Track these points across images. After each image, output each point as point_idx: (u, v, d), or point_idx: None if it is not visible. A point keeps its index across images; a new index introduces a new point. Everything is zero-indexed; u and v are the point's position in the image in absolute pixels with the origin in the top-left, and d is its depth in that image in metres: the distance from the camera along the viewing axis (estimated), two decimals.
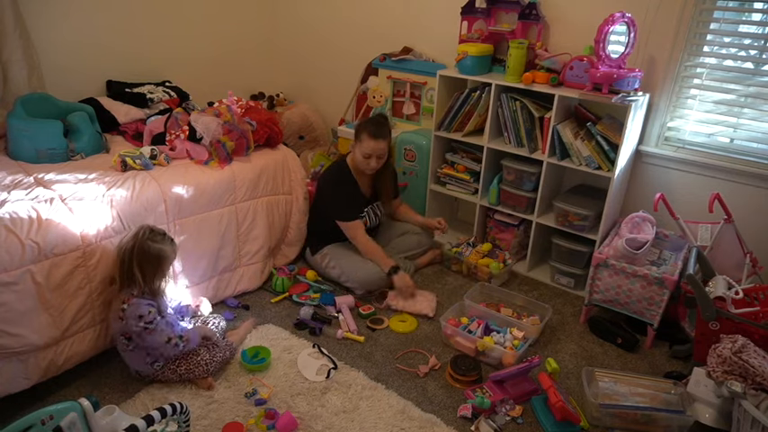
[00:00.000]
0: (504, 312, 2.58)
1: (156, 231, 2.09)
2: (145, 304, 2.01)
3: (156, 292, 2.08)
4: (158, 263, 2.06)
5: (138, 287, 2.02)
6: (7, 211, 1.95)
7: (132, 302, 2.01)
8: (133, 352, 2.07)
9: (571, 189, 3.03)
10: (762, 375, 1.74)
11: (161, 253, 2.05)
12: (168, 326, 2.09)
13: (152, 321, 2.01)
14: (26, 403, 1.98)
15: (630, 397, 2.07)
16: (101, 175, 2.37)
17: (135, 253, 2.01)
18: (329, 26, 3.92)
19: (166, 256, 2.08)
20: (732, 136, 2.71)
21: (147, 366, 2.08)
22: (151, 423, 1.51)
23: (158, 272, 2.07)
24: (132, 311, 1.99)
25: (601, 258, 2.50)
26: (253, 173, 2.67)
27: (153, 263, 2.04)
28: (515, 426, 2.05)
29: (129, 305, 2.01)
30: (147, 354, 2.07)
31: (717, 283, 2.19)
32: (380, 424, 2.00)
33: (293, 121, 3.89)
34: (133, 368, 2.11)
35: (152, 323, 2.01)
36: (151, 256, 2.03)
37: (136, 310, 1.99)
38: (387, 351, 2.41)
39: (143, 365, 2.08)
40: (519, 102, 2.85)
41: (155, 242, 2.04)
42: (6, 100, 2.70)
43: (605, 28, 2.49)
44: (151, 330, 2.02)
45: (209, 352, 2.16)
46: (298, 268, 2.95)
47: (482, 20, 3.11)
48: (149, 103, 3.08)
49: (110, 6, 3.14)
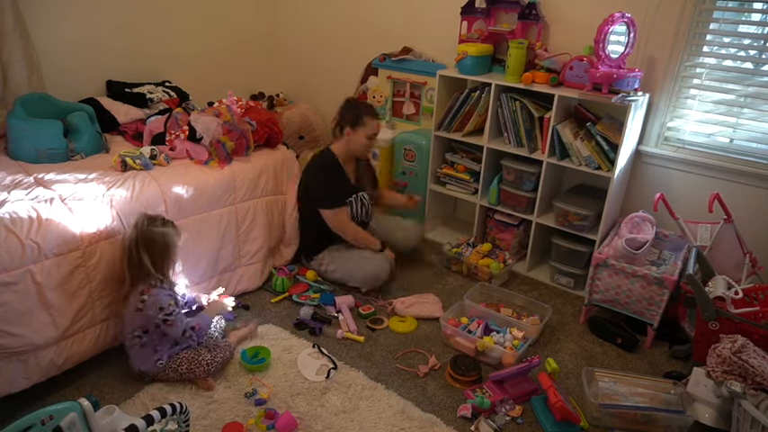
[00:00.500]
0: (504, 312, 2.59)
1: (155, 217, 2.09)
2: (165, 294, 2.04)
3: (170, 278, 2.11)
4: (165, 247, 2.07)
5: (152, 277, 2.04)
6: (7, 211, 1.95)
7: (152, 293, 2.02)
8: (143, 348, 2.08)
9: (571, 189, 3.03)
10: (761, 375, 1.74)
11: (166, 236, 2.06)
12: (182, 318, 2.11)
13: (171, 313, 2.04)
14: (26, 403, 1.97)
15: (630, 397, 2.07)
16: (101, 175, 2.37)
17: (140, 242, 2.02)
18: (329, 26, 3.92)
19: (172, 239, 2.09)
20: (732, 136, 2.71)
21: (151, 364, 2.08)
22: (151, 423, 1.51)
23: (166, 257, 2.09)
24: (153, 302, 2.02)
25: (601, 258, 2.50)
26: (253, 173, 2.67)
27: (160, 248, 2.05)
28: (515, 426, 2.05)
29: (149, 296, 2.02)
30: (155, 350, 2.08)
31: (716, 283, 2.19)
32: (380, 424, 2.00)
33: (293, 121, 3.89)
34: (137, 366, 2.11)
35: (172, 315, 2.04)
36: (157, 242, 2.04)
37: (156, 300, 2.02)
38: (387, 351, 2.41)
39: (148, 363, 2.08)
40: (519, 102, 2.85)
41: (156, 227, 2.05)
42: (6, 100, 2.70)
43: (605, 28, 2.49)
44: (171, 323, 2.04)
45: (211, 352, 2.16)
46: (297, 268, 2.95)
47: (482, 20, 3.11)
48: (149, 103, 3.08)
49: (109, 6, 3.14)
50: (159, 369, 2.10)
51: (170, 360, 2.10)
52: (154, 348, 2.08)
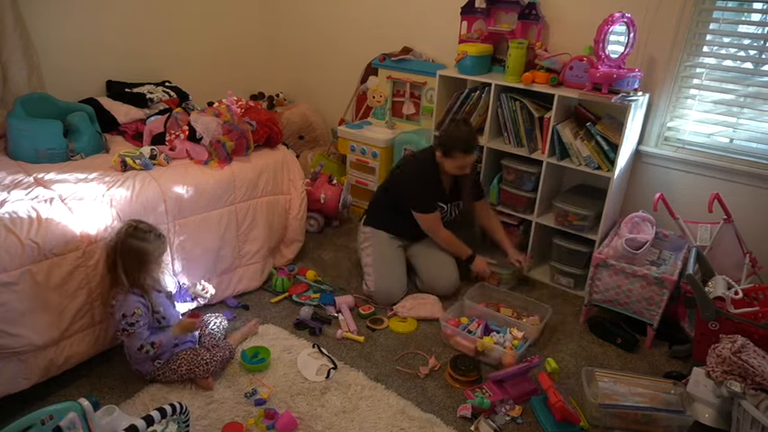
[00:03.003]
0: (504, 312, 2.58)
1: (141, 228, 2.05)
2: (134, 302, 2.00)
3: (144, 288, 2.06)
4: (139, 260, 2.02)
5: (122, 284, 2.01)
6: (7, 211, 1.95)
7: (119, 298, 2.00)
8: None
9: (571, 189, 3.03)
10: (761, 375, 1.74)
11: (141, 250, 2.02)
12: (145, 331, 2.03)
13: (133, 324, 1.99)
14: (26, 403, 1.97)
15: (630, 397, 2.07)
16: (101, 175, 2.37)
17: (117, 250, 2.01)
18: (329, 26, 3.92)
19: (147, 253, 2.03)
20: (731, 136, 2.71)
21: (148, 364, 2.08)
22: (151, 423, 1.51)
23: (141, 268, 2.03)
24: (119, 307, 1.99)
25: (601, 258, 2.50)
26: (252, 173, 2.67)
27: (134, 259, 2.01)
28: (515, 426, 2.05)
29: (116, 300, 2.01)
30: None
31: (716, 283, 2.19)
32: (380, 424, 2.00)
33: (293, 121, 3.89)
34: (134, 366, 2.11)
35: (133, 326, 1.99)
36: (131, 253, 2.01)
37: (122, 306, 1.99)
38: (386, 351, 2.41)
39: (145, 363, 2.08)
40: (519, 102, 2.85)
41: (137, 239, 2.02)
42: (6, 100, 2.70)
43: (605, 28, 2.49)
44: (129, 333, 2.00)
45: (210, 351, 2.15)
46: (298, 268, 2.95)
47: (482, 20, 3.11)
48: (149, 103, 3.08)
49: (110, 6, 3.14)
50: (156, 369, 2.09)
51: (169, 361, 2.10)
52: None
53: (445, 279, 2.79)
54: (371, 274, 2.74)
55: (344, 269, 3.04)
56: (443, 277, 2.79)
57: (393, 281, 2.74)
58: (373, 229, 2.85)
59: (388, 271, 2.75)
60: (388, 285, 2.72)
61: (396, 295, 2.73)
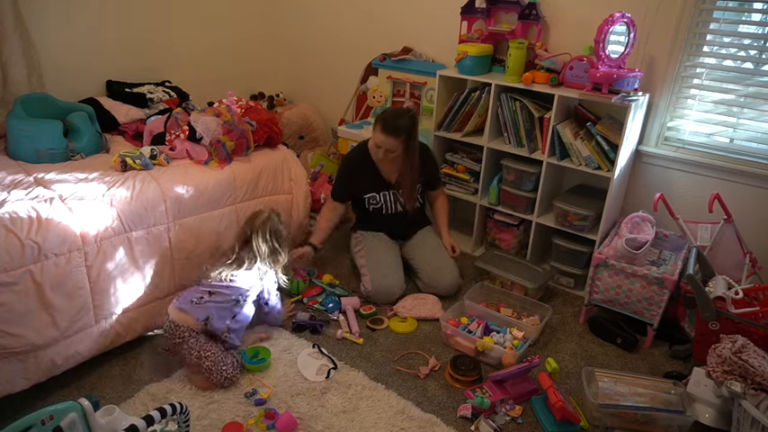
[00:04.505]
0: (504, 312, 2.59)
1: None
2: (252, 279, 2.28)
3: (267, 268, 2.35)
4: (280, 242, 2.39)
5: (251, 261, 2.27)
6: (7, 211, 1.95)
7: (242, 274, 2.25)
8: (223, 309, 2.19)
9: (571, 189, 3.03)
10: (761, 375, 1.74)
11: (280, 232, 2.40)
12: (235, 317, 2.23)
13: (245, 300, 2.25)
14: (26, 403, 1.98)
15: (630, 397, 2.07)
16: (101, 175, 2.37)
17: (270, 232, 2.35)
18: (329, 26, 3.92)
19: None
20: (732, 136, 2.71)
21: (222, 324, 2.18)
22: (151, 423, 1.51)
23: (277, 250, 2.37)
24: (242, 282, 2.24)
25: (601, 258, 2.50)
26: (253, 173, 2.67)
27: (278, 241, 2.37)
28: (515, 426, 2.05)
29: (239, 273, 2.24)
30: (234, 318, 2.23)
31: (716, 283, 2.19)
32: (380, 424, 2.00)
33: (293, 121, 3.89)
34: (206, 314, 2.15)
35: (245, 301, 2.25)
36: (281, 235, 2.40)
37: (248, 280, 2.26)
38: (386, 351, 2.41)
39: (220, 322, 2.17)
40: (519, 102, 2.85)
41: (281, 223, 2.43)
42: (6, 100, 2.70)
43: (605, 28, 2.49)
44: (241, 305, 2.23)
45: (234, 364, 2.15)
46: (316, 272, 2.93)
47: (482, 20, 3.11)
48: (149, 103, 3.08)
49: (110, 6, 3.14)
50: (222, 331, 2.17)
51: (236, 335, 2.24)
52: (233, 315, 2.21)
53: (446, 279, 2.79)
54: (367, 274, 2.74)
55: (344, 269, 3.04)
56: (444, 277, 2.79)
57: (390, 278, 2.73)
58: (362, 232, 2.88)
59: (384, 268, 2.75)
60: (386, 283, 2.71)
61: (394, 293, 2.73)
